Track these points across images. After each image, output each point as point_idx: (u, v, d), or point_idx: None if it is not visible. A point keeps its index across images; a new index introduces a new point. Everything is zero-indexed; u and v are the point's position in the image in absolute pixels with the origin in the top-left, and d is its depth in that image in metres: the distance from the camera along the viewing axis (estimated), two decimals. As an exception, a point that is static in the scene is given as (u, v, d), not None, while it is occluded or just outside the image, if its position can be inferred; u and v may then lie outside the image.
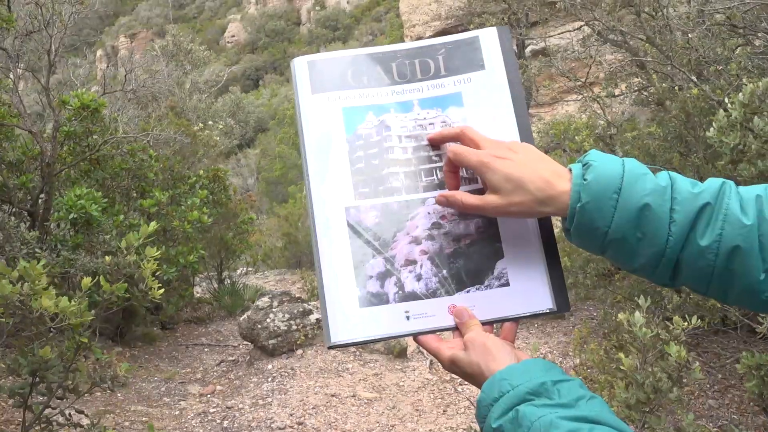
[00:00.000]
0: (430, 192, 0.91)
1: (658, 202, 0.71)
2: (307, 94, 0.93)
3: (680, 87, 5.00)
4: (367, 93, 0.93)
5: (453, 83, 0.94)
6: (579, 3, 5.44)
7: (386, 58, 0.95)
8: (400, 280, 0.87)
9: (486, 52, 0.94)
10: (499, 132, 0.91)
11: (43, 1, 5.64)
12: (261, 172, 35.02)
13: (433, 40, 0.97)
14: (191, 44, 12.36)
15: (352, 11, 66.52)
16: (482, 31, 0.96)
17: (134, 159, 6.75)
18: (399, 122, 0.93)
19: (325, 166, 0.90)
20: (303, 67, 0.94)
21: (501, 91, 0.93)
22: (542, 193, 0.76)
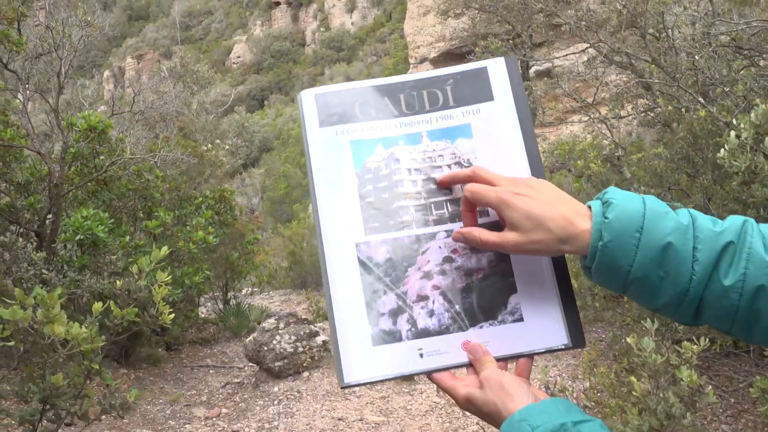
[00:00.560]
0: (441, 226, 0.89)
1: (680, 241, 0.71)
2: (315, 128, 0.92)
3: (687, 108, 5.00)
4: (375, 125, 0.93)
5: (461, 114, 0.93)
6: (584, 25, 5.47)
7: (394, 90, 0.94)
8: (412, 317, 0.86)
9: (494, 82, 0.94)
10: (508, 163, 0.90)
11: (54, 25, 5.70)
12: (265, 191, 35.18)
13: (440, 71, 0.96)
14: (198, 65, 12.49)
15: (357, 32, 67.17)
16: (490, 61, 0.95)
17: (141, 179, 6.77)
18: (408, 155, 0.92)
19: (335, 201, 0.89)
20: (310, 100, 0.94)
21: (510, 122, 0.92)
22: (563, 232, 0.76)
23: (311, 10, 73.52)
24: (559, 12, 6.51)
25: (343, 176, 0.90)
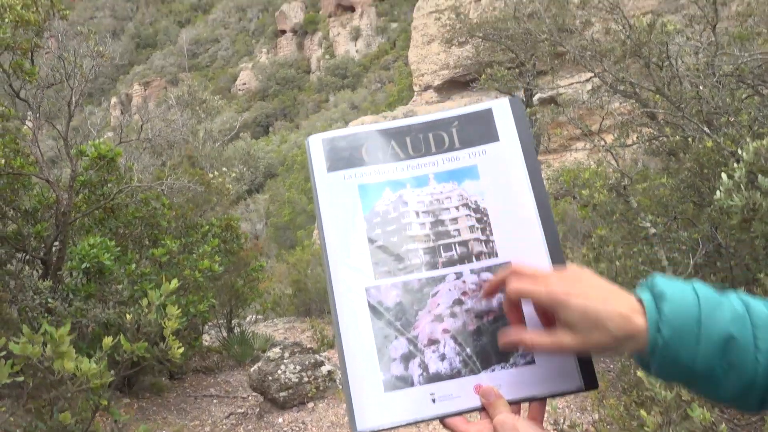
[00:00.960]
0: (450, 268, 0.89)
1: (741, 332, 0.69)
2: (323, 172, 0.93)
3: (692, 137, 5.02)
4: (382, 169, 0.93)
5: (468, 156, 0.94)
6: (588, 55, 5.53)
7: (400, 133, 0.95)
8: (423, 361, 0.86)
9: (499, 123, 0.95)
10: (516, 205, 0.90)
11: (66, 55, 5.80)
12: (269, 217, 35.26)
13: (445, 113, 0.97)
14: (205, 93, 12.64)
15: (361, 60, 67.97)
16: (494, 102, 0.96)
17: (148, 207, 6.80)
18: (416, 197, 0.92)
19: (345, 247, 0.89)
20: (318, 145, 0.95)
21: (516, 163, 0.93)
22: (622, 332, 0.72)
23: (316, 38, 74.52)
24: (564, 41, 6.58)
25: (352, 221, 0.91)
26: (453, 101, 18.56)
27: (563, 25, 6.64)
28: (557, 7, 6.46)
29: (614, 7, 5.61)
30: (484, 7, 17.45)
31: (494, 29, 15.23)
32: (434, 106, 18.20)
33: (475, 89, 17.12)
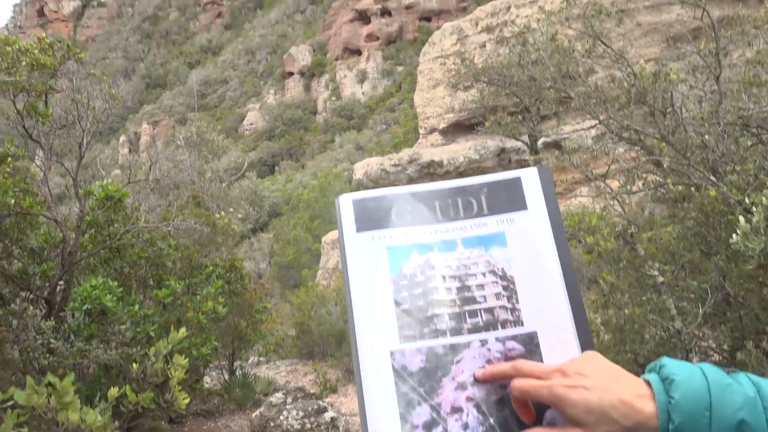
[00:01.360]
0: (476, 334, 0.89)
1: (753, 416, 0.68)
2: (352, 233, 0.94)
3: (697, 186, 5.03)
4: (411, 231, 0.94)
5: (496, 223, 0.94)
6: (593, 102, 5.60)
7: (429, 196, 0.96)
8: (446, 430, 0.84)
9: (528, 192, 0.95)
10: (542, 274, 0.90)
11: (79, 98, 5.90)
12: (273, 256, 35.20)
13: (475, 179, 0.98)
14: (213, 134, 12.81)
15: (367, 102, 68.95)
16: (523, 171, 0.97)
17: (153, 248, 6.82)
18: (443, 261, 0.92)
19: (371, 308, 0.89)
20: (348, 205, 0.96)
21: (544, 232, 0.93)
22: (629, 421, 0.72)
23: (323, 80, 75.85)
24: (568, 88, 6.68)
25: (378, 282, 0.91)
26: (458, 144, 18.75)
27: (567, 72, 6.75)
28: (561, 55, 6.59)
29: (619, 57, 5.71)
30: (489, 53, 17.78)
31: (498, 74, 15.47)
32: (439, 149, 18.37)
33: (480, 133, 17.30)
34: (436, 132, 19.28)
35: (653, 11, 15.75)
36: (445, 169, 17.45)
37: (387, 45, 72.25)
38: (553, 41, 6.13)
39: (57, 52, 6.53)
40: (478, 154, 17.47)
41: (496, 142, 17.58)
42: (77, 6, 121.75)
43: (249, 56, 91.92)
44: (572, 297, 0.90)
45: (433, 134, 19.48)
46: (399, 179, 17.94)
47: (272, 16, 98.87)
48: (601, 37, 5.53)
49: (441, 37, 19.89)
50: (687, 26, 15.76)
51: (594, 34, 5.49)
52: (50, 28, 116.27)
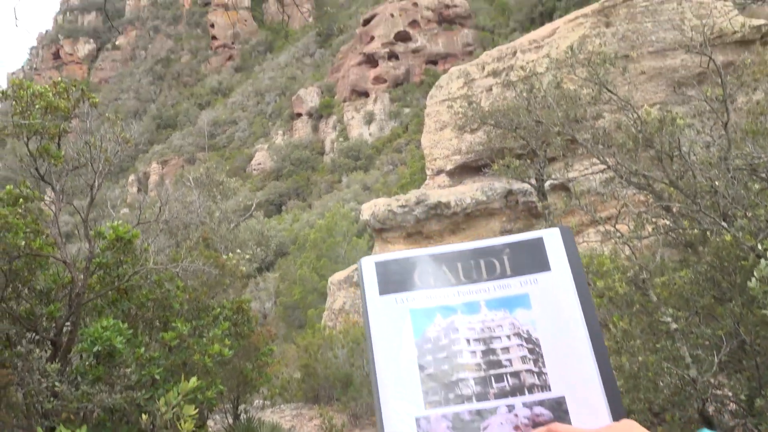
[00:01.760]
0: (502, 399, 0.87)
1: None
2: (375, 295, 0.93)
3: (709, 231, 5.01)
4: (434, 294, 0.93)
5: (519, 284, 0.93)
6: (601, 148, 5.64)
7: (451, 258, 0.96)
8: None
9: (550, 252, 0.95)
10: (568, 337, 0.89)
11: (92, 140, 5.99)
12: (279, 296, 35.02)
13: (497, 240, 0.98)
14: (222, 175, 12.94)
15: (374, 142, 69.63)
16: (545, 231, 0.97)
17: (161, 289, 6.79)
18: (467, 324, 0.91)
19: (395, 373, 0.88)
20: (371, 268, 0.96)
21: (568, 293, 0.92)
22: None
23: (331, 122, 76.84)
24: (575, 133, 6.73)
25: (402, 346, 0.90)
26: (465, 185, 18.82)
27: (575, 117, 6.82)
28: (568, 101, 6.67)
29: (625, 103, 5.78)
30: (495, 96, 18.02)
31: (505, 117, 15.63)
32: (446, 190, 18.44)
33: (487, 174, 17.38)
34: (444, 173, 19.39)
35: (657, 57, 15.99)
36: (453, 210, 17.48)
37: (394, 87, 73.39)
38: (559, 88, 6.21)
39: (72, 95, 6.67)
40: (485, 196, 17.52)
41: (503, 184, 17.64)
42: (92, 49, 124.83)
43: (258, 98, 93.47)
44: (600, 361, 0.89)
45: (441, 175, 19.59)
46: (406, 220, 17.97)
47: (282, 59, 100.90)
48: (606, 85, 5.60)
49: (448, 81, 20.20)
50: (691, 71, 15.96)
51: (600, 82, 5.56)
52: (65, 70, 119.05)
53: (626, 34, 16.25)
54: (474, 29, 74.53)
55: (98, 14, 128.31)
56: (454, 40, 73.88)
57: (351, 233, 35.70)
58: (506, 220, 17.95)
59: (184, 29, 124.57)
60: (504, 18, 74.13)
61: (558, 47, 16.95)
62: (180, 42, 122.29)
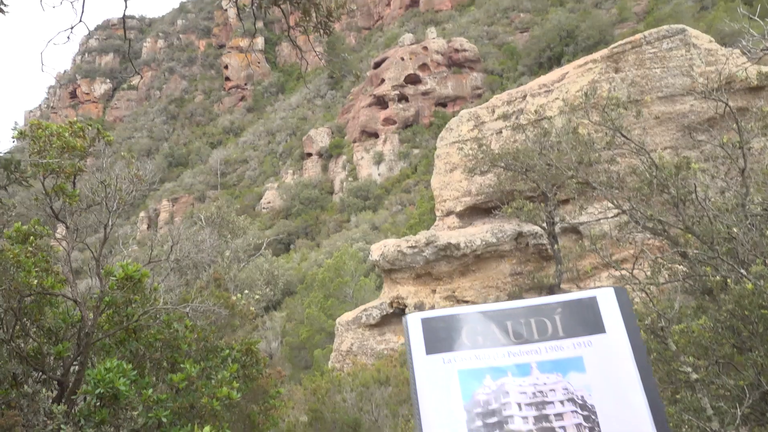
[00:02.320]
0: None
1: None
2: (422, 355, 0.89)
3: (728, 278, 4.92)
4: (482, 354, 0.89)
5: (573, 346, 0.89)
6: (616, 193, 5.60)
7: (500, 316, 0.92)
8: None
9: (605, 313, 0.91)
10: (625, 403, 0.84)
11: (108, 180, 6.03)
12: (285, 335, 34.67)
13: (548, 299, 0.94)
14: (233, 215, 12.98)
15: (383, 183, 70.00)
16: (599, 291, 0.94)
17: (170, 329, 6.72)
18: (517, 387, 0.87)
19: None
20: (416, 325, 0.92)
21: (625, 357, 0.88)
22: None
23: (341, 161, 77.49)
24: (590, 177, 6.71)
25: (451, 410, 0.85)
26: (474, 227, 18.78)
27: (589, 160, 6.82)
28: (581, 145, 6.67)
29: (639, 148, 5.77)
30: (505, 139, 18.15)
31: (515, 160, 15.70)
32: (456, 232, 18.40)
33: (497, 216, 17.36)
34: (453, 215, 19.38)
35: (667, 102, 16.10)
36: (462, 252, 17.40)
37: (404, 128, 74.18)
38: (575, 133, 6.22)
39: (88, 134, 6.75)
40: (495, 238, 17.45)
41: (513, 226, 17.59)
42: (108, 89, 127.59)
43: (269, 137, 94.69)
44: (660, 430, 0.84)
45: (450, 217, 19.58)
46: (416, 261, 17.88)
47: (293, 100, 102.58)
48: (621, 130, 5.61)
49: (458, 123, 20.39)
50: (701, 116, 16.04)
51: (614, 127, 5.57)
52: (81, 108, 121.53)
53: (635, 80, 16.41)
54: (483, 73, 75.69)
55: (115, 55, 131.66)
56: (463, 83, 74.97)
57: (359, 273, 35.54)
58: (516, 262, 17.83)
59: (198, 70, 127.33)
60: (512, 62, 75.28)
61: (568, 92, 17.12)
62: (194, 83, 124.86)
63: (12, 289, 5.10)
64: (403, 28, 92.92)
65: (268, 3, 3.58)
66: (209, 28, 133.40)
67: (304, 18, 3.63)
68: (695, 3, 61.92)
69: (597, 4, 76.16)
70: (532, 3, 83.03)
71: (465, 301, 17.43)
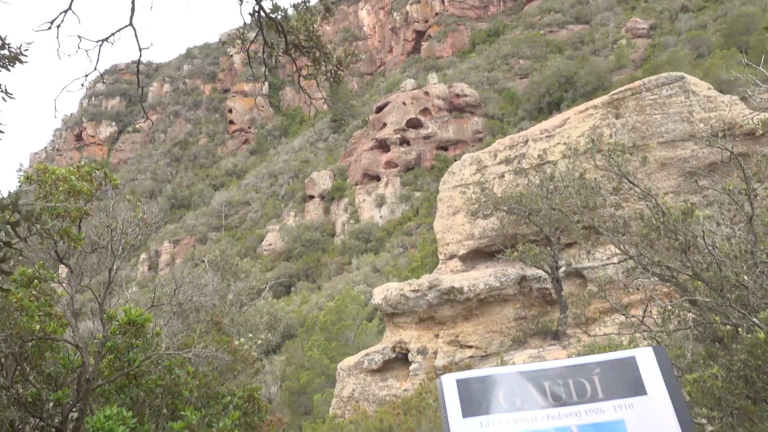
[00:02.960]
0: None
1: None
2: (458, 418, 0.87)
3: (739, 326, 4.86)
4: (520, 417, 0.87)
5: (613, 408, 0.87)
6: (624, 238, 5.59)
7: (538, 377, 0.90)
8: None
9: (645, 374, 0.89)
10: None
11: (114, 224, 6.03)
12: (285, 380, 34.10)
13: (585, 359, 0.92)
14: (237, 258, 12.96)
15: (385, 225, 70.07)
16: (638, 351, 0.92)
17: (171, 375, 6.61)
18: None
19: None
20: (452, 387, 0.90)
21: (668, 419, 0.85)
22: None
23: (342, 204, 77.77)
24: (596, 222, 6.71)
25: None
26: (478, 270, 18.70)
27: (595, 205, 6.83)
28: (587, 191, 6.70)
29: (646, 194, 5.79)
30: (508, 183, 18.25)
31: (518, 203, 15.75)
32: (459, 275, 18.31)
33: (501, 260, 17.29)
34: (456, 258, 19.32)
35: (668, 147, 16.25)
36: (466, 296, 17.27)
37: (405, 171, 74.72)
38: (582, 178, 6.26)
39: (95, 178, 6.79)
40: (498, 282, 17.34)
41: (516, 270, 17.51)
42: (113, 131, 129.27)
43: (272, 180, 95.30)
44: None
45: (453, 260, 19.51)
46: (419, 305, 17.73)
47: (296, 143, 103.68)
48: (627, 175, 5.64)
49: (461, 167, 20.54)
50: (702, 161, 16.16)
51: (621, 173, 5.60)
52: (86, 150, 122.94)
53: (636, 125, 16.60)
54: (483, 117, 76.68)
55: (122, 99, 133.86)
56: (464, 127, 75.90)
57: (361, 316, 35.21)
58: (520, 306, 17.68)
59: (203, 114, 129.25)
60: (513, 107, 76.37)
61: (569, 137, 17.30)
62: (199, 126, 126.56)
63: (14, 334, 5.04)
64: (405, 73, 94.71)
65: (278, 52, 3.67)
66: (215, 73, 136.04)
67: (314, 66, 3.70)
68: (691, 51, 63.22)
69: (595, 51, 77.74)
70: (531, 50, 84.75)
71: (469, 346, 17.20)
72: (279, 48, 3.58)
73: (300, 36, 3.42)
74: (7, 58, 3.44)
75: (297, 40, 3.44)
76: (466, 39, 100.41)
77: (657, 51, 69.70)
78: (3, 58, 3.35)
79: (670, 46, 67.47)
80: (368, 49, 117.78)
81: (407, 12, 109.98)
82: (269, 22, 3.36)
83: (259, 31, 3.46)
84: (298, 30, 3.38)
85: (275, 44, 3.59)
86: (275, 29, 3.38)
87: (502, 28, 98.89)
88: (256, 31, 4.22)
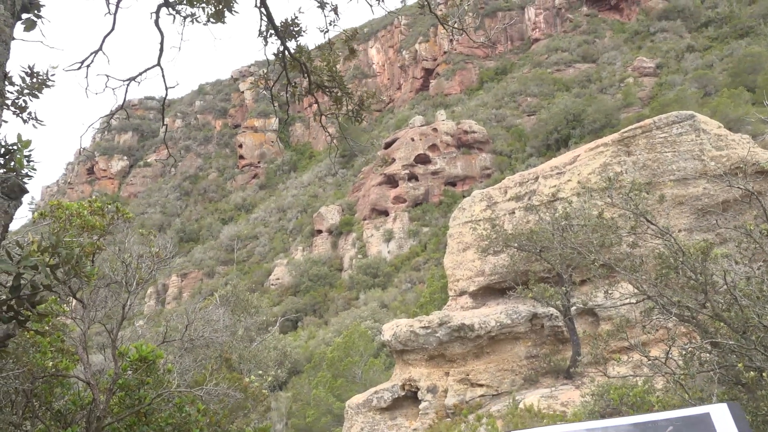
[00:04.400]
0: None
1: None
2: None
3: (763, 371, 4.75)
4: None
5: None
6: (643, 278, 5.52)
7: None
8: None
9: (721, 431, 0.85)
10: None
11: (129, 260, 6.03)
12: (291, 417, 33.55)
13: (656, 416, 0.89)
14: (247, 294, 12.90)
15: (392, 260, 69.83)
16: (712, 407, 0.88)
17: (181, 413, 6.51)
18: None
19: None
20: None
21: None
22: None
23: (350, 239, 77.75)
24: (612, 261, 6.64)
25: None
26: (488, 307, 18.52)
27: (610, 243, 6.78)
28: (603, 229, 6.66)
29: (664, 233, 5.74)
30: (518, 219, 18.22)
31: (529, 240, 15.67)
32: (470, 312, 18.13)
33: (512, 297, 17.14)
34: (467, 294, 19.17)
35: (679, 185, 16.21)
36: (477, 333, 17.06)
37: (413, 207, 74.85)
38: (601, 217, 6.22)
39: (107, 212, 6.82)
40: (509, 319, 17.15)
41: (527, 307, 17.33)
42: (125, 166, 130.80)
43: (280, 214, 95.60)
44: None
45: (463, 297, 19.36)
46: (429, 342, 17.52)
47: (305, 177, 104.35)
48: (645, 214, 5.60)
49: (471, 203, 20.55)
50: (714, 199, 16.09)
51: (639, 212, 5.57)
52: (97, 184, 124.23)
53: (647, 163, 16.61)
54: (491, 153, 77.08)
55: (134, 134, 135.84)
56: (472, 163, 76.28)
57: (368, 353, 34.79)
58: (532, 344, 17.43)
59: (213, 149, 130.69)
60: (521, 144, 76.79)
61: (580, 174, 17.32)
62: (209, 160, 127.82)
63: (27, 371, 4.99)
64: (414, 110, 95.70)
65: (302, 92, 3.73)
66: (226, 109, 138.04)
67: (336, 106, 3.75)
68: (699, 89, 63.68)
69: (602, 89, 78.41)
70: (538, 88, 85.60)
71: (480, 384, 16.91)
72: (302, 87, 3.64)
73: (323, 76, 3.48)
74: (35, 87, 3.50)
75: (320, 80, 3.50)
76: (474, 77, 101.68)
77: (664, 89, 70.24)
78: (32, 86, 3.41)
79: (677, 85, 68.01)
80: (377, 86, 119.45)
81: (416, 50, 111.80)
82: (293, 62, 3.42)
83: (283, 71, 3.51)
84: (321, 70, 3.45)
85: (297, 83, 3.65)
86: (299, 69, 3.44)
87: (509, 66, 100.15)
88: (273, 69, 4.29)
